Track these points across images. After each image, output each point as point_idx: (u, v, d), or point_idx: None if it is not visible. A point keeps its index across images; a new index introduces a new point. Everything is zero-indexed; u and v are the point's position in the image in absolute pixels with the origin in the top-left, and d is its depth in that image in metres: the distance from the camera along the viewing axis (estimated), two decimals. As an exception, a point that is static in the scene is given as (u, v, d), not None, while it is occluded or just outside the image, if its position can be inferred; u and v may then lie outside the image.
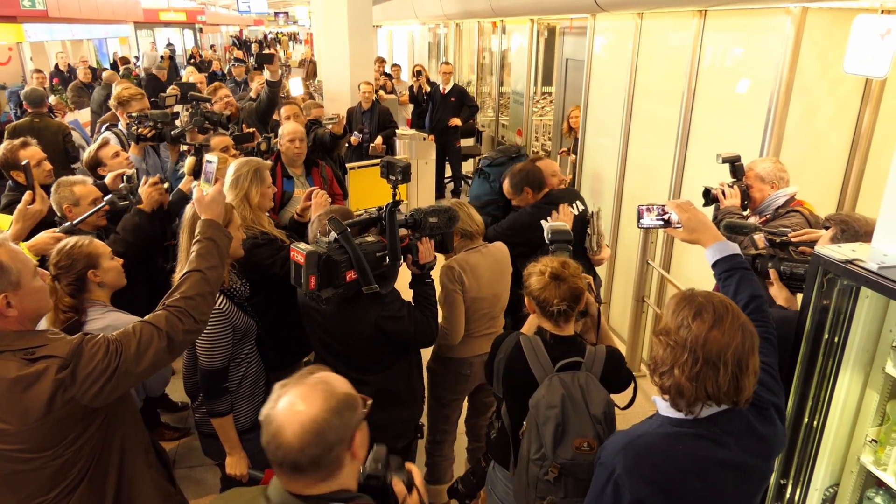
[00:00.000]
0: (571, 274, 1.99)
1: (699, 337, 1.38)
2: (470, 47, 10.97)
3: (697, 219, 1.86)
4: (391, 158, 2.34)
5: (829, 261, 1.64)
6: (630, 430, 1.59)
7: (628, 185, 4.93)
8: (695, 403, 1.42)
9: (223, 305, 2.37)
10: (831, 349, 1.74)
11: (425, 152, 7.09)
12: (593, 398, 1.87)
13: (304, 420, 1.18)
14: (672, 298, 1.52)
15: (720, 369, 1.37)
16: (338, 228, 2.10)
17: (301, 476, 1.22)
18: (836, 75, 3.33)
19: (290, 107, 4.62)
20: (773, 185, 2.97)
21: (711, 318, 1.39)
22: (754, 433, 1.49)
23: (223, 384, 2.43)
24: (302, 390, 1.22)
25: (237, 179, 2.99)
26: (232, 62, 13.12)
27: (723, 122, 3.83)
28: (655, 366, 1.48)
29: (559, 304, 1.96)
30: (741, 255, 1.80)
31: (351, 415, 1.24)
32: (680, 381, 1.40)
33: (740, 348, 1.38)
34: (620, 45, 4.92)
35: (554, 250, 2.34)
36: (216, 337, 2.36)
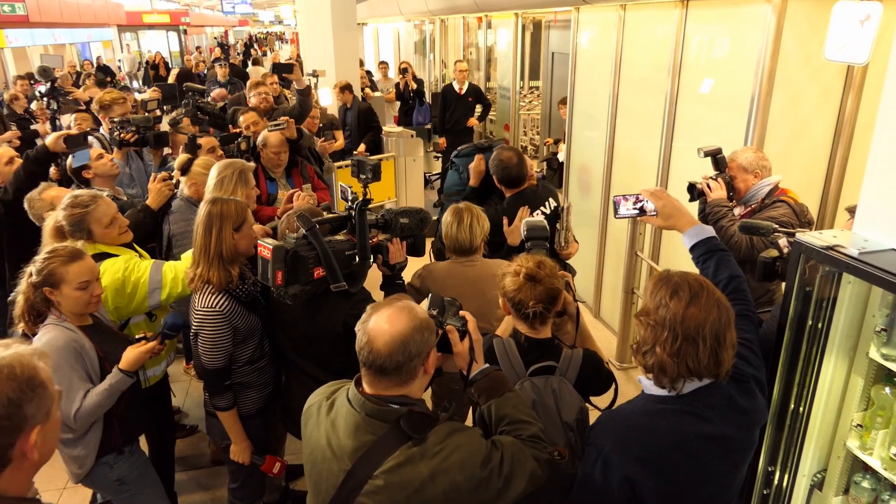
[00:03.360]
0: (548, 274, 1.91)
1: (677, 314, 1.43)
2: (456, 43, 10.95)
3: (672, 205, 1.89)
4: (361, 157, 2.34)
5: (810, 247, 1.64)
6: (617, 409, 1.63)
7: (615, 177, 4.93)
8: (677, 379, 1.46)
9: (223, 307, 2.36)
10: (815, 335, 1.75)
11: (413, 150, 7.08)
12: (566, 404, 1.80)
13: (394, 332, 1.42)
14: (650, 280, 1.56)
15: (699, 344, 1.42)
16: (306, 225, 2.09)
17: (383, 378, 1.46)
18: (819, 63, 3.33)
19: (251, 115, 4.55)
20: (756, 175, 2.98)
21: (688, 295, 1.44)
22: (736, 406, 1.53)
23: (224, 382, 2.44)
24: (391, 311, 1.46)
25: (221, 181, 2.99)
26: (211, 64, 13.03)
27: (707, 112, 3.84)
28: (638, 346, 1.52)
29: (534, 305, 1.87)
30: (717, 238, 1.84)
31: (430, 334, 1.48)
32: (662, 358, 1.44)
33: (717, 323, 1.43)
34: (605, 37, 4.92)
35: (530, 248, 2.29)
36: (215, 338, 2.36)
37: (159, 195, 3.19)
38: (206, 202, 2.44)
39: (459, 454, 1.44)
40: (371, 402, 1.46)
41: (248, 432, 2.55)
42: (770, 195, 2.97)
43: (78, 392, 2.19)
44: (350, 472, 1.44)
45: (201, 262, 2.38)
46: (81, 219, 2.59)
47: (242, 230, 2.44)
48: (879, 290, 1.66)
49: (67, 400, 2.15)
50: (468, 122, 7.79)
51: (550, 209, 3.28)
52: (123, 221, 2.75)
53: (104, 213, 2.64)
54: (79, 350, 2.22)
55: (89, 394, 2.21)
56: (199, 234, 2.38)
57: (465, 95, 7.80)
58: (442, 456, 1.42)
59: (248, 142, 4.07)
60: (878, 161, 1.61)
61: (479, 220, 2.73)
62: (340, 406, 1.53)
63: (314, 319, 2.33)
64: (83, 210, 2.59)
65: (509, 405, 1.62)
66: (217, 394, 2.45)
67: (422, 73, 11.74)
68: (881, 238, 1.60)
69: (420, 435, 1.43)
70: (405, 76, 8.63)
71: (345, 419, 1.49)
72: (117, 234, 2.71)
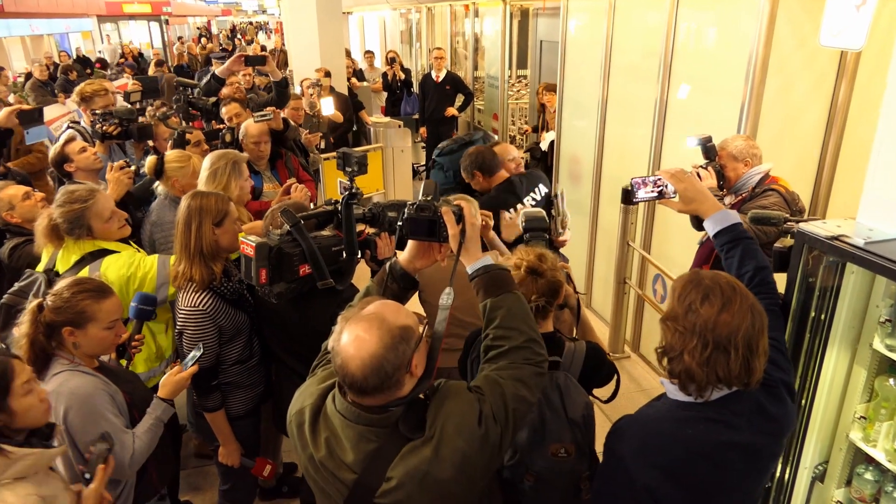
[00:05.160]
0: (550, 267, 1.87)
1: (708, 321, 1.35)
2: (443, 32, 10.84)
3: (695, 188, 1.78)
4: (347, 150, 2.28)
5: (814, 237, 1.61)
6: (638, 414, 1.55)
7: (606, 166, 4.89)
8: (705, 388, 1.39)
9: (206, 306, 2.30)
10: (818, 327, 1.72)
11: (400, 140, 7.00)
12: (572, 400, 1.76)
13: (364, 355, 1.32)
14: (677, 281, 1.47)
15: (731, 353, 1.34)
16: (290, 220, 2.03)
17: (366, 396, 1.37)
18: (812, 49, 3.30)
19: (234, 105, 4.46)
20: (746, 164, 2.95)
21: (720, 301, 1.36)
22: (764, 413, 1.46)
23: (211, 382, 2.38)
24: (362, 326, 1.35)
25: (215, 173, 2.92)
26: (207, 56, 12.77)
27: (699, 100, 3.80)
28: (664, 351, 1.44)
29: (537, 299, 1.83)
30: (742, 225, 1.73)
31: (406, 346, 1.36)
32: (690, 366, 1.37)
33: (750, 330, 1.35)
34: (595, 24, 4.86)
35: (529, 240, 2.23)
36: (199, 338, 2.30)
37: (118, 185, 3.02)
38: (186, 197, 2.38)
39: (453, 422, 1.38)
40: (366, 412, 1.39)
41: (238, 434, 2.50)
42: (761, 184, 2.95)
43: (126, 438, 2.01)
44: (358, 481, 1.39)
45: (182, 258, 2.32)
46: (81, 214, 2.47)
47: (224, 225, 2.37)
48: (883, 280, 1.63)
49: (121, 449, 1.96)
50: (446, 112, 7.66)
51: (541, 195, 3.24)
52: (122, 214, 2.65)
53: (104, 206, 2.54)
54: (111, 394, 2.04)
55: (131, 435, 2.03)
56: (180, 230, 2.32)
57: (443, 84, 7.66)
58: (438, 431, 1.37)
59: (233, 133, 3.98)
60: (883, 149, 1.58)
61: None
62: (333, 417, 1.45)
63: (301, 317, 2.27)
64: (82, 205, 2.47)
65: (504, 307, 1.51)
66: (204, 394, 2.39)
67: (409, 62, 11.62)
68: (886, 227, 1.57)
69: (419, 432, 1.38)
70: (393, 66, 8.53)
71: (343, 431, 1.42)
72: (117, 229, 2.61)
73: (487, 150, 3.25)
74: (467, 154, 3.24)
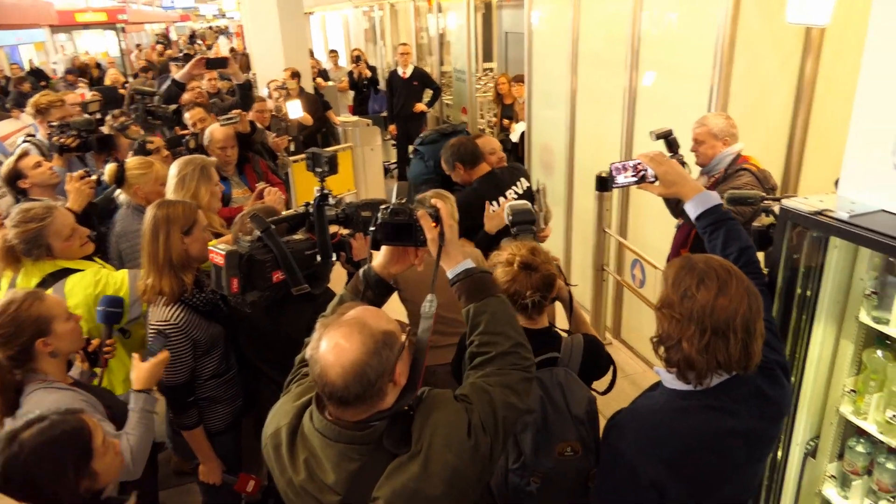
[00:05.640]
0: (543, 260, 1.81)
1: (706, 306, 1.31)
2: (407, 28, 10.77)
3: (675, 171, 1.75)
4: (316, 150, 2.22)
5: (798, 213, 1.60)
6: (636, 407, 1.52)
7: (579, 154, 4.88)
8: (705, 375, 1.36)
9: (179, 320, 2.20)
10: (804, 303, 1.72)
11: (370, 139, 6.92)
12: (574, 397, 1.71)
13: (345, 363, 1.25)
14: (669, 268, 1.43)
15: (730, 338, 1.31)
16: (260, 225, 1.96)
17: (348, 408, 1.29)
18: (778, 26, 3.30)
19: (198, 111, 4.34)
20: (724, 142, 2.95)
21: (716, 284, 1.32)
22: (763, 396, 1.44)
23: (188, 398, 2.29)
24: (341, 332, 1.28)
25: (183, 180, 2.83)
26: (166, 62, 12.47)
27: (669, 84, 3.80)
28: (660, 340, 1.40)
29: (532, 295, 1.77)
30: (723, 205, 1.71)
31: (389, 352, 1.29)
32: (689, 354, 1.33)
33: (748, 313, 1.32)
34: (560, 14, 4.84)
35: (517, 233, 2.18)
36: (174, 353, 2.20)
37: (79, 195, 2.90)
38: (151, 206, 2.28)
39: (441, 434, 1.31)
40: (347, 429, 1.31)
41: (218, 450, 2.41)
42: (733, 164, 2.95)
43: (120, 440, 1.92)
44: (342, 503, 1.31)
45: (151, 271, 2.22)
46: (38, 234, 2.36)
47: (193, 233, 2.29)
48: (866, 253, 1.63)
49: None
50: (415, 108, 7.58)
51: (523, 189, 3.21)
52: (83, 231, 2.54)
53: (63, 224, 2.42)
54: (93, 405, 1.97)
55: (123, 436, 1.96)
56: (146, 241, 2.23)
57: (410, 79, 7.57)
58: (425, 445, 1.29)
59: (196, 139, 3.87)
60: (861, 123, 1.57)
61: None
62: (311, 436, 1.35)
63: (277, 326, 2.20)
64: (39, 224, 2.35)
65: (488, 312, 1.46)
66: (181, 411, 2.29)
67: (374, 60, 11.52)
68: (868, 199, 1.56)
69: (405, 447, 1.30)
70: (358, 64, 8.43)
71: (323, 451, 1.33)
72: (79, 247, 2.49)
73: (470, 142, 3.20)
74: (449, 145, 3.18)
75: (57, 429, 1.47)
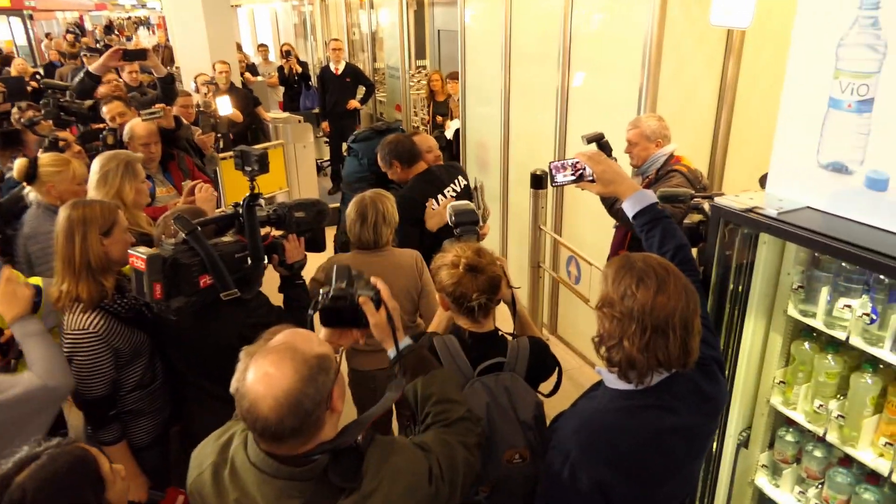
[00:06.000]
0: (489, 262, 1.75)
1: (645, 304, 1.31)
2: (338, 24, 10.57)
3: (613, 170, 1.76)
4: (245, 148, 2.11)
5: (729, 211, 1.63)
6: (579, 408, 1.51)
7: (513, 152, 4.91)
8: (646, 374, 1.36)
9: (98, 327, 2.05)
10: (736, 298, 1.76)
11: (302, 136, 6.74)
12: (521, 402, 1.67)
13: (278, 394, 1.14)
14: (608, 267, 1.42)
15: (669, 335, 1.31)
16: (186, 227, 1.85)
17: (283, 443, 1.19)
18: (702, 29, 3.41)
19: (116, 104, 4.10)
20: (657, 144, 2.99)
21: (655, 283, 1.33)
22: (701, 393, 1.46)
23: (109, 412, 2.13)
24: (271, 360, 1.17)
25: (105, 176, 2.66)
26: (77, 54, 11.76)
27: (600, 82, 3.87)
28: (601, 340, 1.39)
29: (478, 297, 1.71)
30: (659, 204, 1.73)
31: (325, 377, 1.19)
32: (630, 352, 1.32)
33: (685, 310, 1.33)
34: (492, 12, 4.85)
35: (460, 234, 2.11)
36: (92, 364, 2.05)
37: None
38: (65, 207, 2.12)
39: (403, 480, 1.25)
40: (286, 464, 1.19)
41: (144, 465, 2.25)
42: (666, 164, 2.99)
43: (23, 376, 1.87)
44: None
45: (66, 276, 2.06)
46: None
47: (113, 234, 2.13)
48: (793, 249, 1.69)
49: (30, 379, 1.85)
50: (348, 105, 7.44)
51: (461, 187, 3.18)
52: None
53: None
54: None
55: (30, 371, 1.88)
56: (60, 244, 2.06)
57: (343, 76, 7.40)
58: (384, 492, 1.22)
59: (115, 135, 3.64)
60: (788, 122, 1.61)
61: (387, 215, 2.58)
62: (244, 472, 1.23)
63: (205, 333, 2.07)
64: None
65: (436, 382, 1.47)
66: (101, 426, 2.14)
67: (304, 55, 11.26)
68: (794, 196, 1.61)
69: (355, 481, 1.21)
70: (289, 59, 8.20)
71: (259, 489, 1.21)
72: None
73: (408, 139, 3.15)
74: (386, 142, 3.12)
75: (59, 462, 1.24)
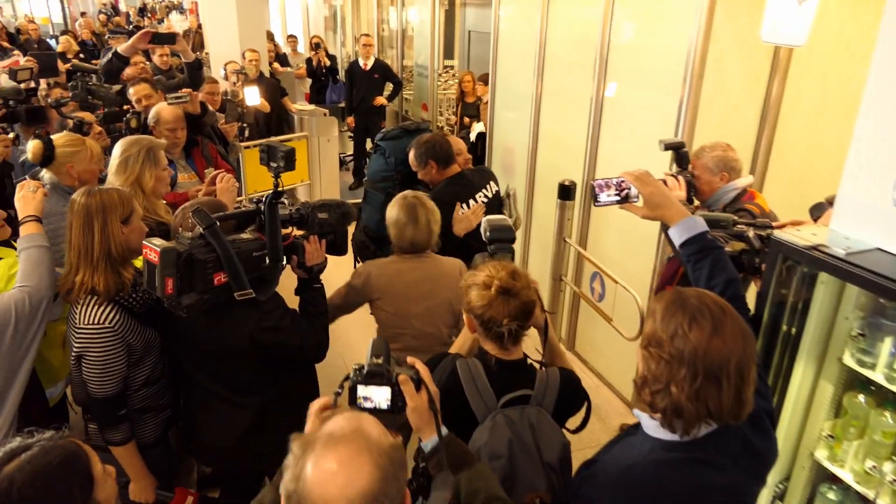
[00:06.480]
0: (524, 286, 1.61)
1: (698, 347, 1.18)
2: (368, 19, 10.49)
3: (661, 192, 1.62)
4: (272, 142, 2.01)
5: (791, 247, 1.49)
6: (615, 456, 1.37)
7: (541, 159, 4.78)
8: (694, 424, 1.22)
9: (113, 322, 1.95)
10: (787, 340, 1.62)
11: (326, 129, 6.65)
12: (547, 441, 1.54)
13: (354, 495, 0.92)
14: (657, 302, 1.29)
15: (722, 383, 1.17)
16: (204, 221, 1.75)
17: None
18: (749, 45, 3.26)
19: (143, 86, 4.02)
20: (722, 178, 2.69)
21: (710, 324, 1.19)
22: (751, 449, 1.32)
23: (119, 412, 2.03)
24: (342, 453, 0.95)
25: (126, 161, 2.59)
26: (108, 34, 11.80)
27: (637, 94, 3.72)
28: (645, 382, 1.26)
29: (509, 323, 1.58)
30: (709, 233, 1.59)
31: (403, 474, 1.01)
32: (678, 400, 1.19)
33: (743, 357, 1.19)
34: (528, 16, 4.72)
35: (494, 251, 1.96)
36: (106, 360, 1.95)
37: None
38: (79, 194, 2.02)
39: None
40: None
41: (150, 464, 2.16)
42: (736, 201, 2.69)
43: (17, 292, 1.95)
44: None
45: (81, 266, 1.97)
46: None
47: (132, 222, 2.05)
48: (854, 292, 1.54)
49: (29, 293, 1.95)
50: (375, 101, 7.36)
51: (492, 193, 3.06)
52: (0, 213, 2.26)
53: None
54: None
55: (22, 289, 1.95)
56: (77, 233, 1.97)
57: (371, 72, 7.34)
58: None
59: (139, 118, 3.56)
60: (859, 154, 1.47)
61: (434, 215, 2.46)
62: None
63: (215, 332, 1.99)
64: None
65: (482, 478, 1.33)
66: (111, 426, 2.03)
67: (333, 49, 11.19)
68: (863, 236, 1.46)
69: None
70: (318, 52, 8.12)
71: None
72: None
73: (445, 141, 3.03)
74: (423, 141, 3.00)
75: (51, 455, 1.21)
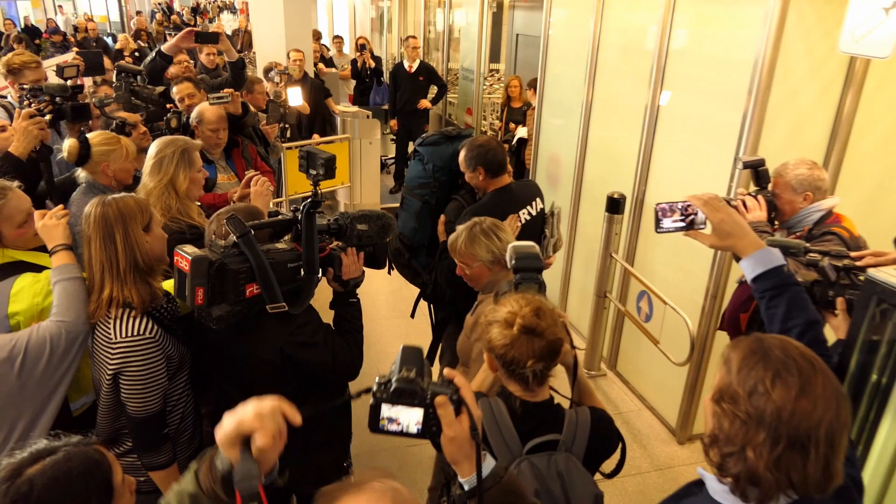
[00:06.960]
0: (549, 324, 1.48)
1: (783, 409, 1.02)
2: (415, 21, 10.45)
3: (733, 220, 1.47)
4: (312, 148, 1.92)
5: (887, 289, 1.31)
6: None
7: (588, 170, 4.60)
8: (771, 496, 1.05)
9: (153, 332, 1.84)
10: (877, 392, 1.43)
11: (369, 131, 6.60)
12: (577, 491, 1.40)
13: None
14: (732, 350, 1.13)
15: (810, 452, 1.01)
16: (238, 230, 1.66)
17: None
18: (820, 55, 3.05)
19: (186, 85, 3.99)
20: (806, 198, 2.52)
21: (798, 382, 1.03)
22: None
23: (162, 430, 1.92)
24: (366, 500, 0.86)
25: (160, 162, 2.51)
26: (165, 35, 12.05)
27: (696, 104, 3.52)
28: (715, 441, 1.10)
29: (534, 364, 1.46)
30: (786, 267, 1.44)
31: None
32: (755, 467, 1.03)
33: (834, 422, 1.02)
34: (581, 20, 4.55)
35: (520, 282, 1.76)
36: (148, 373, 1.83)
37: (26, 137, 2.52)
38: (92, 205, 1.89)
39: None
40: None
41: None
42: (820, 223, 2.50)
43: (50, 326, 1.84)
44: None
45: (107, 282, 1.84)
46: None
47: (152, 230, 1.96)
48: (956, 339, 1.35)
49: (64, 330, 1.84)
50: (419, 104, 7.26)
51: (537, 210, 2.90)
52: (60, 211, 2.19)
53: (16, 208, 2.04)
54: None
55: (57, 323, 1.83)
56: (97, 246, 1.85)
57: (416, 74, 7.24)
58: None
59: (179, 118, 3.53)
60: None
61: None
62: None
63: (245, 345, 1.89)
64: None
65: None
66: (154, 447, 1.90)
67: (378, 51, 11.19)
68: (972, 278, 1.28)
69: None
70: (363, 53, 8.08)
71: None
72: (33, 236, 2.09)
73: (500, 147, 2.84)
74: (477, 145, 2.82)
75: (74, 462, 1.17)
